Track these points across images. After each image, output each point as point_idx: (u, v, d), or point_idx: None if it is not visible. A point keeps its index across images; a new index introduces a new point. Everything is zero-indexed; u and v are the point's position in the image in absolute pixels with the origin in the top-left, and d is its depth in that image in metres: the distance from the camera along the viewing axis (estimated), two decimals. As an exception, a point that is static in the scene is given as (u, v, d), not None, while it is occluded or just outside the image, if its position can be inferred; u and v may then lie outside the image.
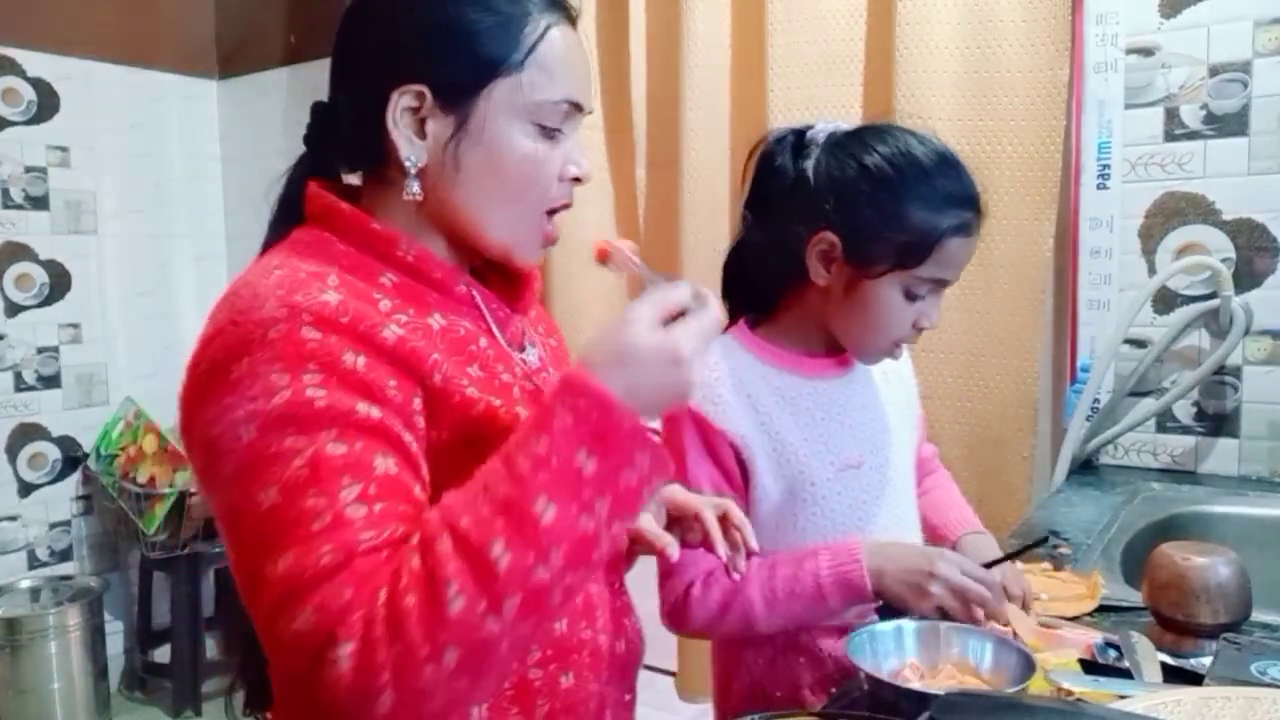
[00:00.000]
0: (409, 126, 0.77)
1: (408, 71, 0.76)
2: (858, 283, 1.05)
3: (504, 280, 0.88)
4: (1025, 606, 1.05)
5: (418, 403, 0.72)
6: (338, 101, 0.82)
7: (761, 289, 1.16)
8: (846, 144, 1.08)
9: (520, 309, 0.88)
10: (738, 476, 1.09)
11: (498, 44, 0.75)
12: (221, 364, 0.68)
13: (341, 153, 0.83)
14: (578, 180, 0.82)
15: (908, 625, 0.93)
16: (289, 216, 0.82)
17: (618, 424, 0.64)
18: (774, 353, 1.13)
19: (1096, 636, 0.97)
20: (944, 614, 0.96)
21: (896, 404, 1.20)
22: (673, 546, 0.87)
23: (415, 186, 0.77)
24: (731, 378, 1.10)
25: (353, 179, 0.85)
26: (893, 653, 0.91)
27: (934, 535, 1.23)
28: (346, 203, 0.79)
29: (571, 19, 0.80)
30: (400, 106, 0.76)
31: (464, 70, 0.76)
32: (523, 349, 0.86)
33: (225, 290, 0.73)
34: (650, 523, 0.90)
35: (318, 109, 0.84)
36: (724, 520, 0.92)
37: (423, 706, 0.61)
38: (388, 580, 0.62)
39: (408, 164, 0.76)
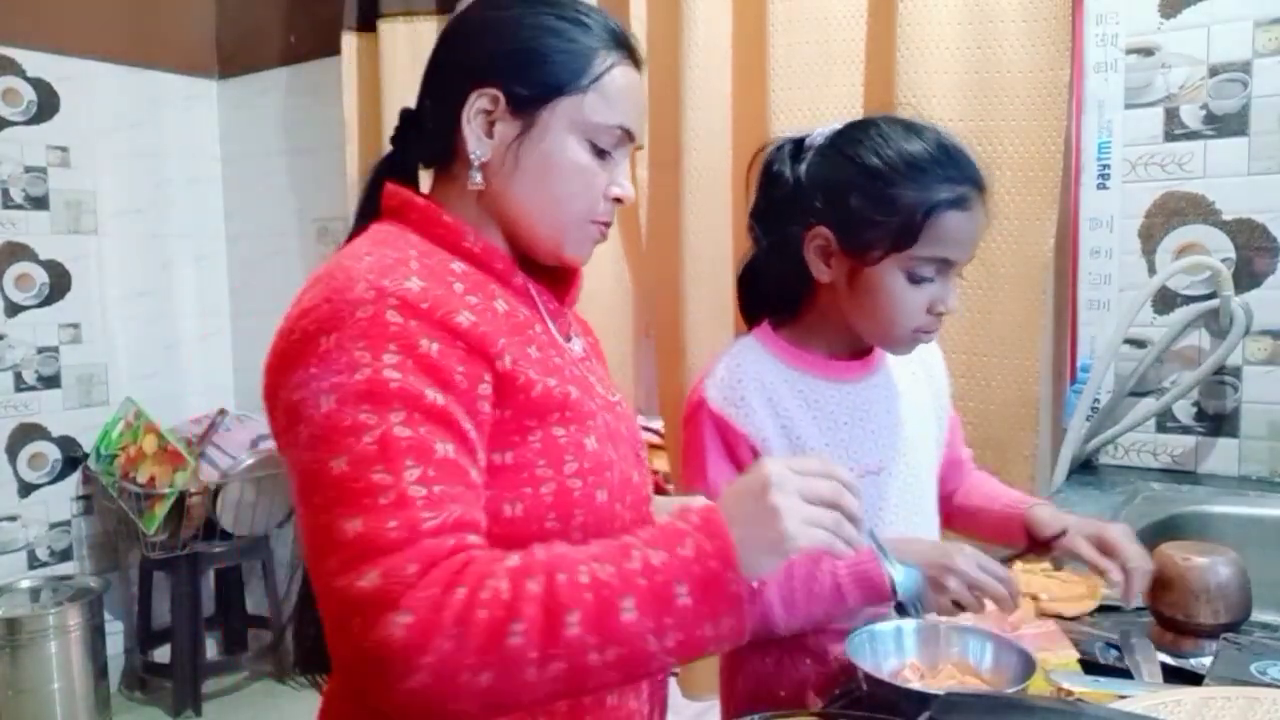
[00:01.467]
0: (480, 125, 0.86)
1: (488, 76, 0.85)
2: (859, 272, 1.05)
3: (550, 277, 0.94)
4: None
5: (484, 387, 0.77)
6: (423, 105, 0.91)
7: (779, 297, 1.15)
8: (835, 141, 1.09)
9: (567, 303, 0.95)
10: None
11: (569, 68, 0.86)
12: (312, 336, 0.75)
13: (419, 149, 0.92)
14: (619, 201, 0.90)
15: (907, 625, 0.93)
16: (369, 211, 0.90)
17: (725, 584, 0.69)
18: (796, 355, 1.12)
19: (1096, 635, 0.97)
20: (959, 607, 0.96)
21: (921, 407, 1.19)
22: None
23: (478, 177, 0.86)
24: (754, 380, 1.09)
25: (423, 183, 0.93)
26: (893, 653, 0.91)
27: (997, 518, 1.21)
28: (423, 198, 0.88)
29: (636, 62, 0.91)
30: (476, 107, 0.85)
31: (536, 84, 0.85)
32: (569, 339, 0.93)
33: (318, 271, 0.80)
34: None
35: (405, 114, 0.94)
36: None
37: (445, 700, 0.67)
38: (471, 581, 0.68)
39: (473, 156, 0.85)
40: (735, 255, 1.97)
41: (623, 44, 0.90)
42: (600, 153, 0.88)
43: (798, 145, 1.13)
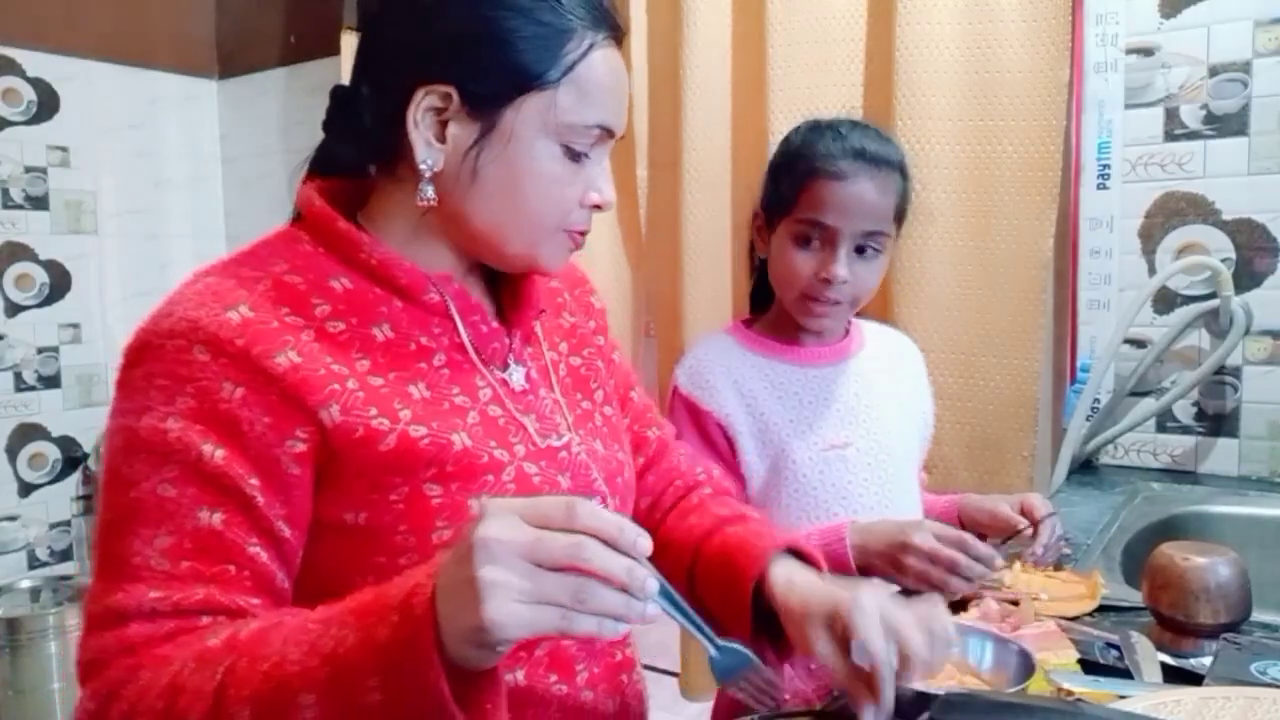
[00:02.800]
0: (430, 128, 0.73)
1: (437, 71, 0.72)
2: (770, 243, 1.19)
3: (508, 293, 0.84)
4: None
5: (295, 444, 0.68)
6: (359, 90, 0.78)
7: (763, 289, 1.25)
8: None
9: (517, 322, 0.83)
10: (728, 454, 1.16)
11: (536, 57, 0.72)
12: (126, 365, 0.70)
13: (357, 144, 0.79)
14: (598, 207, 0.79)
15: None
16: (297, 213, 0.81)
17: (421, 678, 0.53)
18: (764, 344, 1.22)
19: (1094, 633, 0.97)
20: (930, 584, 0.98)
21: (900, 397, 1.25)
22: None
23: (430, 191, 0.74)
24: (719, 365, 1.19)
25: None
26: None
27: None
28: (322, 201, 0.77)
29: (618, 39, 0.77)
30: (423, 106, 0.73)
31: (497, 78, 0.72)
32: (505, 367, 0.80)
33: None
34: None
35: (337, 92, 0.81)
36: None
37: None
38: (153, 665, 0.62)
39: (423, 167, 0.73)
40: (735, 255, 1.97)
41: (601, 18, 0.75)
42: (574, 155, 0.75)
43: None
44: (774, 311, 1.24)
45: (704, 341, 1.26)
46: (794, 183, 1.14)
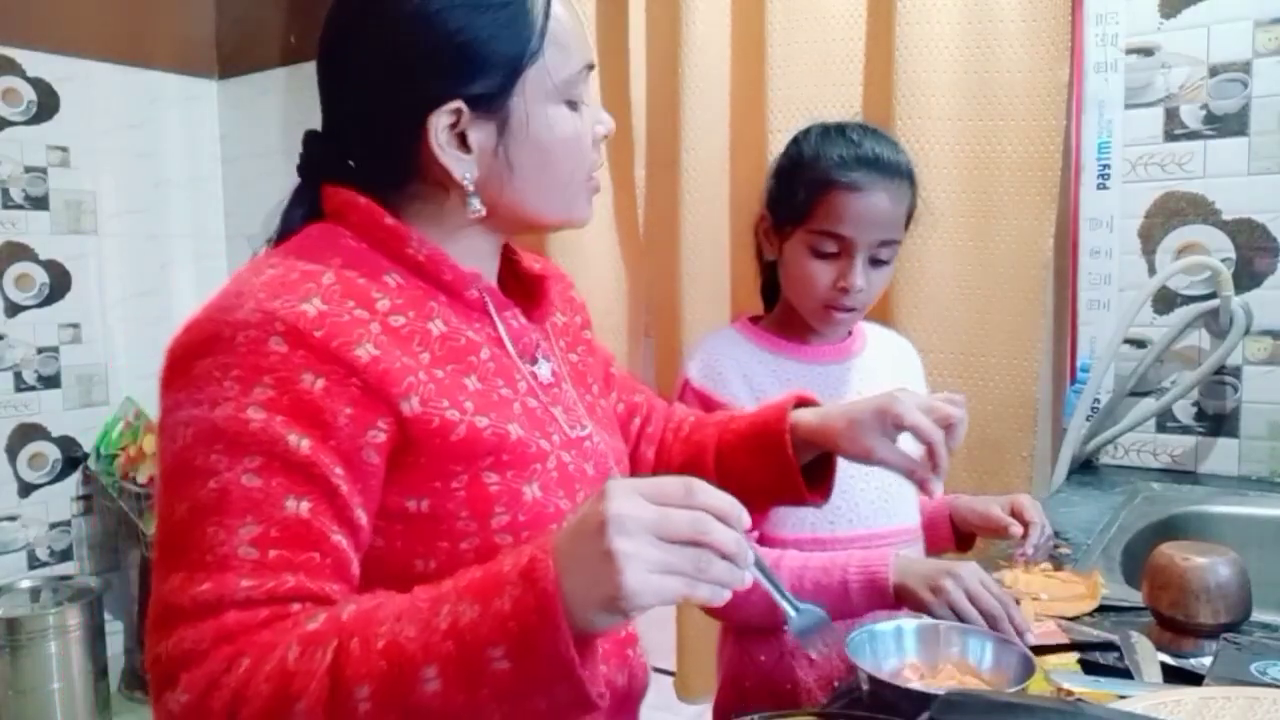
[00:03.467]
0: (452, 144, 0.75)
1: (437, 92, 0.74)
2: (782, 249, 1.20)
3: (522, 291, 0.87)
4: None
5: (376, 434, 0.69)
6: (344, 128, 0.79)
7: (771, 287, 1.28)
8: (788, 143, 1.22)
9: (537, 318, 0.86)
10: None
11: (514, 39, 0.74)
12: (188, 355, 0.69)
13: (356, 172, 0.80)
14: (605, 137, 0.83)
15: (907, 625, 0.93)
16: (302, 214, 0.81)
17: (549, 645, 0.56)
18: (771, 340, 1.24)
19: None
20: (955, 613, 0.97)
21: None
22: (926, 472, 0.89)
23: (476, 203, 0.77)
24: (731, 358, 1.22)
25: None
26: (893, 652, 0.91)
27: (926, 521, 1.28)
28: (366, 198, 0.78)
29: None
30: (439, 129, 0.74)
31: (493, 76, 0.74)
32: (534, 361, 0.83)
33: (225, 282, 0.73)
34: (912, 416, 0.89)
35: (311, 138, 0.81)
36: None
37: None
38: (256, 652, 0.61)
39: (464, 182, 0.75)
40: (733, 255, 1.97)
41: None
42: (575, 105, 0.79)
43: None
44: (780, 310, 1.26)
45: (714, 337, 1.28)
46: (809, 193, 1.14)
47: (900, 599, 1.03)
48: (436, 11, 0.73)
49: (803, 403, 0.97)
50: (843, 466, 1.16)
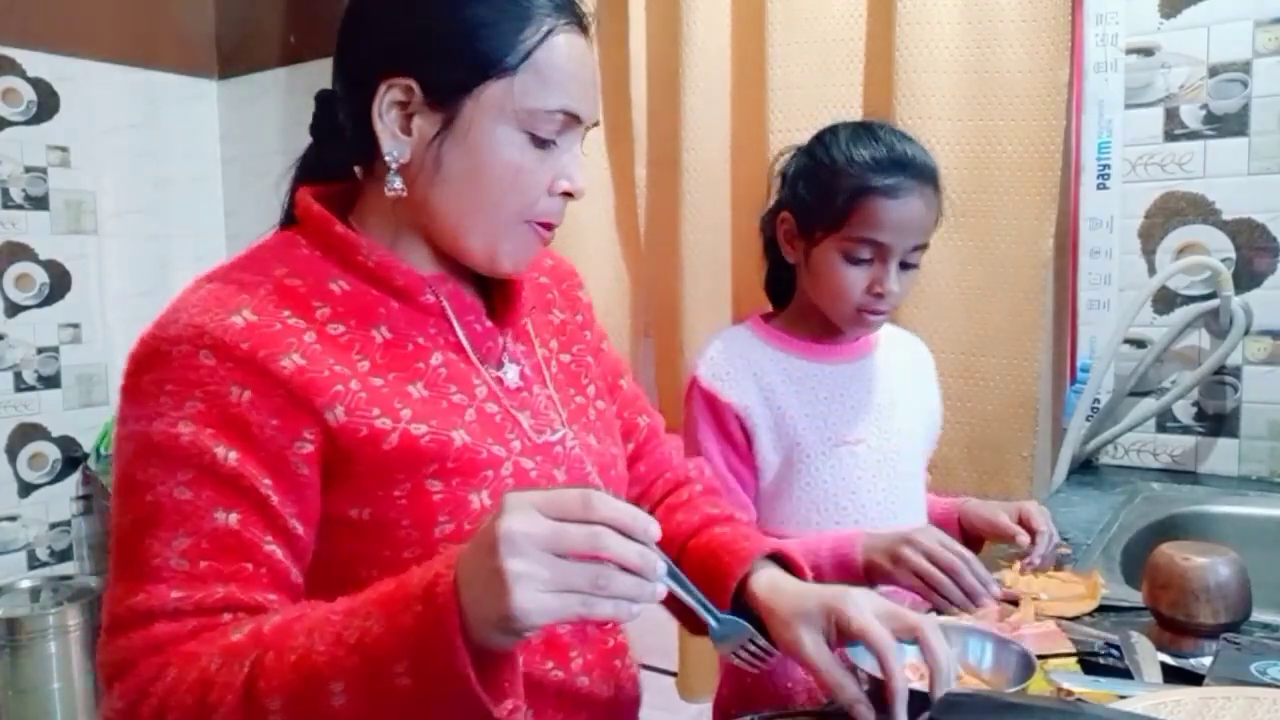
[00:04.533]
0: (395, 121, 0.75)
1: (397, 65, 0.74)
2: (810, 253, 1.17)
3: (503, 294, 0.86)
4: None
5: (303, 445, 0.69)
6: (333, 95, 0.81)
7: (775, 288, 1.29)
8: (809, 142, 1.21)
9: (509, 321, 0.85)
10: (744, 446, 1.18)
11: (493, 43, 0.73)
12: (133, 371, 0.71)
13: (337, 144, 0.82)
14: (569, 195, 0.79)
15: None
16: (287, 217, 0.84)
17: (448, 661, 0.55)
18: (783, 339, 1.24)
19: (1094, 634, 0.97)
20: (925, 583, 1.00)
21: (913, 398, 1.27)
22: (860, 705, 0.75)
23: (397, 182, 0.76)
24: (741, 357, 1.21)
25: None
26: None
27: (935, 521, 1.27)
28: (320, 205, 0.79)
29: (582, 25, 0.78)
30: (387, 100, 0.74)
31: (454, 68, 0.73)
32: (500, 365, 0.82)
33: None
34: (816, 654, 0.78)
35: (321, 97, 0.84)
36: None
37: None
38: (181, 662, 0.63)
39: (389, 159, 0.75)
40: (735, 255, 1.97)
41: (563, 3, 0.76)
42: (540, 142, 0.75)
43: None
44: (795, 309, 1.25)
45: (724, 335, 1.27)
46: (845, 199, 1.12)
47: (870, 575, 1.06)
48: None
49: (779, 554, 0.88)
50: (851, 467, 1.17)
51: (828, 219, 1.14)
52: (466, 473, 0.73)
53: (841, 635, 0.76)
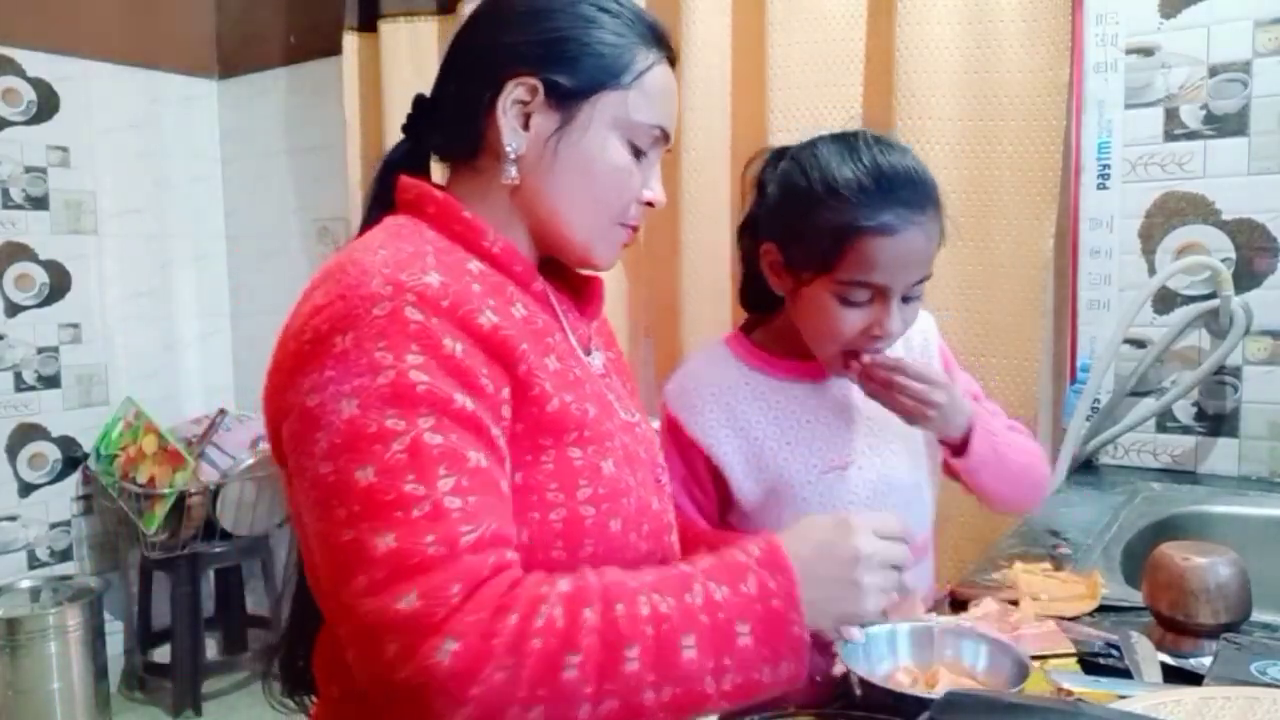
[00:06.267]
0: (516, 117, 0.81)
1: (526, 66, 0.81)
2: (798, 290, 1.05)
3: (572, 288, 0.91)
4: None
5: (506, 393, 0.73)
6: (444, 92, 0.86)
7: (762, 300, 1.16)
8: (788, 158, 1.08)
9: (588, 315, 0.91)
10: (706, 480, 1.12)
11: (613, 63, 0.82)
12: (326, 335, 0.69)
13: (436, 140, 0.87)
14: (649, 204, 0.86)
15: (900, 628, 0.90)
16: (381, 204, 0.85)
17: (788, 625, 0.68)
18: (763, 358, 1.14)
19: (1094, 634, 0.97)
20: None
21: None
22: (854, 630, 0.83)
23: (513, 171, 0.81)
24: (711, 385, 1.12)
25: (438, 178, 0.88)
26: (886, 655, 0.89)
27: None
28: (444, 193, 0.83)
29: (673, 61, 0.87)
30: (512, 97, 0.80)
31: (579, 75, 0.81)
32: (589, 353, 0.88)
33: (327, 265, 0.75)
34: None
35: (420, 100, 0.88)
36: None
37: None
38: (522, 607, 0.63)
39: (508, 149, 0.80)
40: (734, 255, 1.97)
41: (663, 42, 0.86)
42: (636, 152, 0.84)
43: (779, 155, 1.11)
44: (780, 322, 1.14)
45: (696, 357, 1.20)
46: (834, 239, 0.99)
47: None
48: (570, 11, 0.82)
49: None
50: (842, 493, 1.11)
51: (816, 260, 1.01)
52: (598, 441, 0.79)
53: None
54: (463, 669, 0.60)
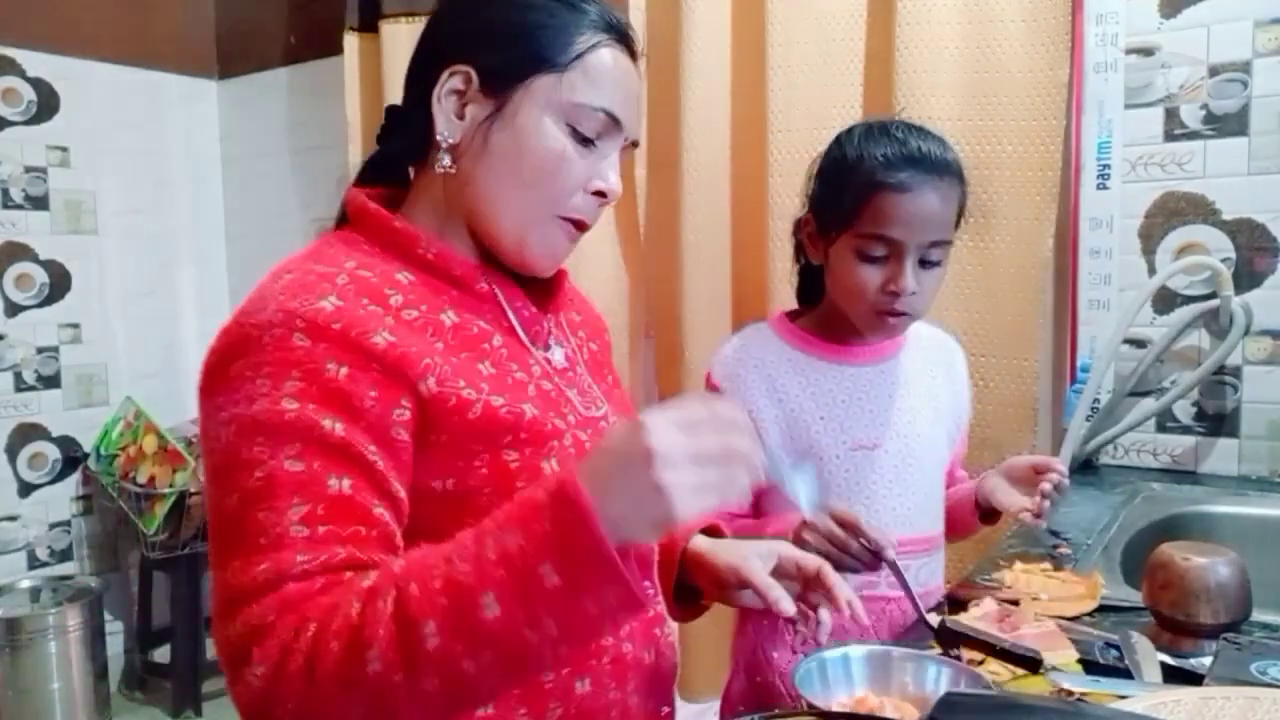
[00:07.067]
0: (451, 107, 0.82)
1: (459, 54, 0.82)
2: (828, 253, 1.16)
3: (536, 281, 0.90)
4: None
5: (401, 413, 0.73)
6: (406, 97, 0.88)
7: (812, 293, 1.26)
8: (830, 143, 1.19)
9: (551, 308, 0.91)
10: None
11: (548, 44, 0.81)
12: (221, 362, 0.73)
13: (401, 144, 0.88)
14: (601, 195, 0.84)
15: (855, 652, 0.89)
16: (341, 218, 0.89)
17: (593, 551, 0.61)
18: (805, 339, 1.22)
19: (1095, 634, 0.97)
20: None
21: (934, 400, 1.24)
22: (786, 601, 0.86)
23: (446, 159, 0.82)
24: (754, 359, 1.20)
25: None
26: (842, 681, 0.87)
27: (957, 503, 1.28)
28: (376, 205, 0.84)
29: (630, 49, 0.85)
30: (447, 87, 0.82)
31: (510, 58, 0.81)
32: (547, 347, 0.88)
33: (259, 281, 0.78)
34: (761, 571, 0.90)
35: (389, 110, 0.91)
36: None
37: None
38: (320, 614, 0.64)
39: (440, 138, 0.81)
40: (734, 255, 1.97)
41: (613, 26, 0.84)
42: (582, 139, 0.82)
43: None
44: (822, 310, 1.23)
45: (743, 333, 1.26)
46: (855, 196, 1.10)
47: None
48: (510, 1, 0.82)
49: (713, 529, 1.02)
50: (868, 472, 1.16)
51: (840, 217, 1.12)
52: (537, 443, 0.79)
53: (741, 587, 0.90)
54: (268, 692, 0.63)
